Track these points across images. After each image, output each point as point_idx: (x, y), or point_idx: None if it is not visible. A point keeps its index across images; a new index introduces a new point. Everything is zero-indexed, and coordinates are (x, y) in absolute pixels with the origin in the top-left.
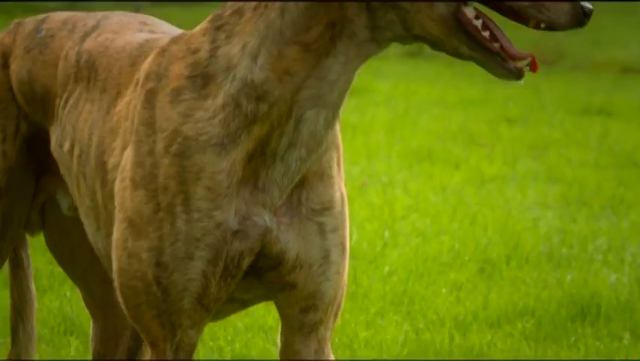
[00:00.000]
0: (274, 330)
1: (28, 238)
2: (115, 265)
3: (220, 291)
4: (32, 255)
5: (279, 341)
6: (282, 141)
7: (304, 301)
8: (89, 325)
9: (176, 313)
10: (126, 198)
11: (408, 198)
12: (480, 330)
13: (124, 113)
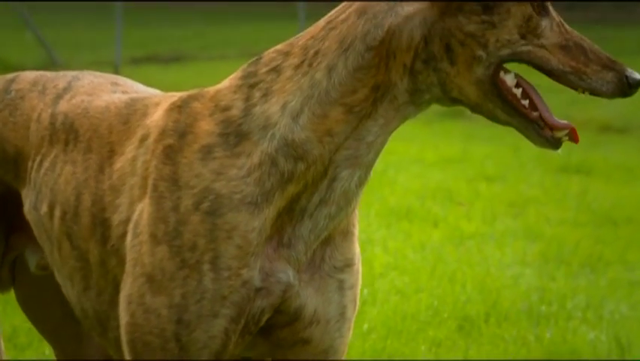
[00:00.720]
0: None
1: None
2: (127, 320)
3: (236, 347)
4: (10, 312)
5: None
6: (313, 198)
7: (316, 357)
8: None
9: None
10: (144, 253)
11: (387, 255)
12: None
13: (128, 169)
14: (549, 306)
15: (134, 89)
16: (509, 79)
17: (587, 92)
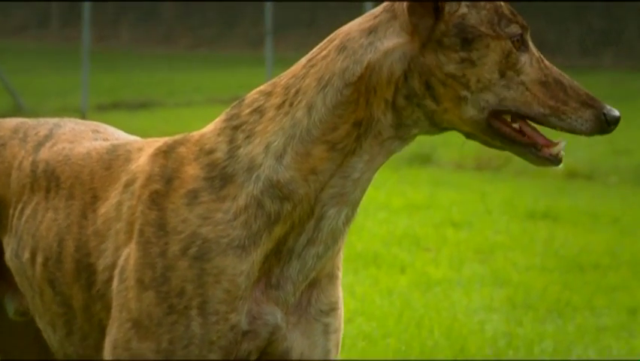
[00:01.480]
0: None
1: None
2: None
3: None
4: None
5: None
6: (300, 238)
7: None
8: None
9: None
10: (131, 298)
11: (354, 301)
12: None
13: (113, 214)
14: (516, 352)
15: (115, 136)
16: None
17: (566, 131)
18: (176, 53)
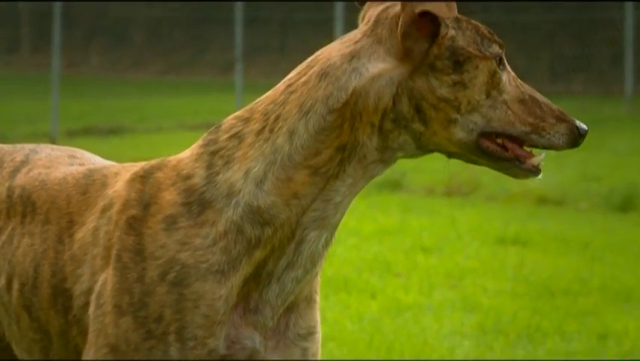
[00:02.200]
0: None
1: None
2: None
3: None
4: None
5: None
6: (280, 262)
7: None
8: None
9: None
10: (108, 324)
11: (325, 327)
12: None
13: (89, 239)
14: None
15: (92, 161)
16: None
17: (545, 147)
18: (146, 78)
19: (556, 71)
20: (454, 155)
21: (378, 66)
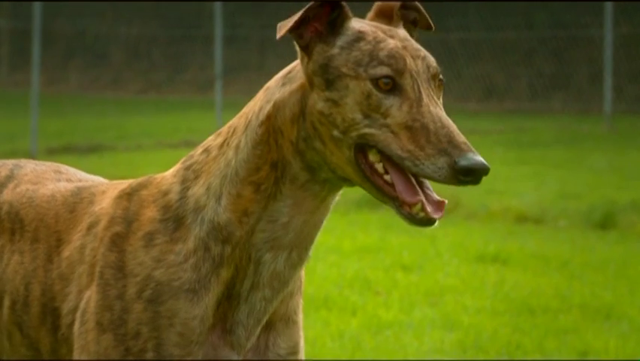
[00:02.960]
0: None
1: None
2: None
3: None
4: None
5: None
6: (245, 282)
7: None
8: None
9: None
10: (90, 341)
11: (305, 344)
12: None
13: (76, 257)
14: None
15: (78, 176)
16: (372, 155)
17: (421, 177)
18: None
19: (535, 88)
20: (351, 179)
21: (298, 82)
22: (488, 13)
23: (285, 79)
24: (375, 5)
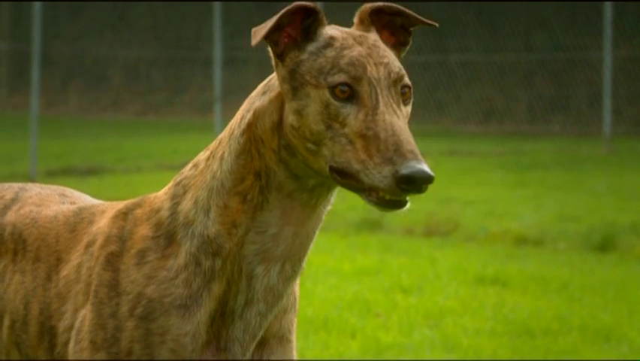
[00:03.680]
0: None
1: None
2: None
3: None
4: None
5: None
6: (238, 298)
7: None
8: None
9: None
10: (84, 360)
11: None
12: None
13: (73, 276)
14: None
15: (82, 199)
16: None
17: (369, 188)
18: (124, 119)
19: (534, 111)
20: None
21: (276, 90)
22: (487, 36)
23: (265, 87)
24: (357, 12)
